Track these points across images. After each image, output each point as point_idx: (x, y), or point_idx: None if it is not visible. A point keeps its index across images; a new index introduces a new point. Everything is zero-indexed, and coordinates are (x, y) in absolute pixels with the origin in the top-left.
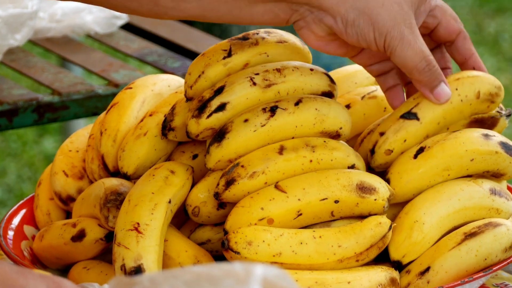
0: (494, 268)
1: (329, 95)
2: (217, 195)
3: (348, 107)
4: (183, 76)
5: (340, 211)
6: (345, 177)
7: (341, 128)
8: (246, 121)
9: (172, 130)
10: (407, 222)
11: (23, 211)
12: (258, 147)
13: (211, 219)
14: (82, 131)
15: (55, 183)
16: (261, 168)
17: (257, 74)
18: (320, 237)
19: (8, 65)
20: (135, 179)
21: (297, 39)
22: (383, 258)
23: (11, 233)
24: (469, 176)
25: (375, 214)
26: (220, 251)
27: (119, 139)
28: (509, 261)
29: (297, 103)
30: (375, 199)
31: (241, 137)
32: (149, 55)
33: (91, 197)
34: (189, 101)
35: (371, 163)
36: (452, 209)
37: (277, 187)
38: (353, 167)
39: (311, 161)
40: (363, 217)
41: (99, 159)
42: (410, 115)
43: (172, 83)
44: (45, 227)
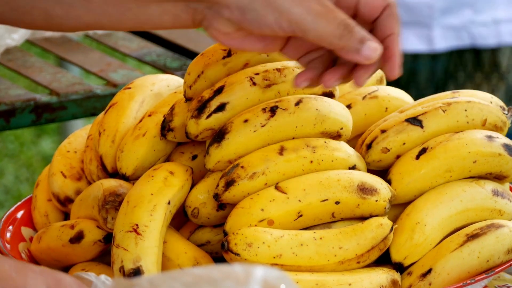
0: (496, 270)
1: (329, 95)
2: (216, 196)
3: (349, 107)
4: (182, 76)
5: (341, 212)
6: (346, 178)
7: (342, 128)
8: (246, 121)
9: (171, 130)
10: (409, 223)
11: (20, 213)
12: (258, 148)
13: (210, 220)
14: (80, 131)
15: (53, 184)
16: (261, 169)
17: (257, 74)
18: (320, 238)
19: (5, 65)
20: (134, 180)
21: None
22: (384, 260)
23: (8, 234)
24: (471, 177)
25: (376, 215)
26: (220, 253)
27: (118, 140)
28: (511, 262)
29: (297, 103)
30: (376, 200)
31: (241, 137)
32: (148, 55)
33: (89, 199)
34: (189, 101)
35: (365, 157)
36: (454, 210)
37: (277, 188)
38: (354, 168)
39: (311, 161)
40: (364, 218)
41: (97, 160)
42: (415, 121)
43: (171, 83)
44: (43, 229)
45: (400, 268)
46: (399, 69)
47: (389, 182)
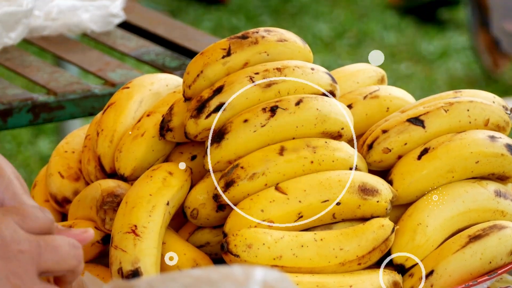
0: (499, 271)
1: (330, 95)
2: (216, 197)
3: (350, 107)
4: (181, 75)
5: (341, 213)
6: (347, 178)
7: (342, 128)
8: (245, 121)
9: (170, 130)
10: (410, 224)
11: None
12: (258, 148)
13: (210, 221)
14: (78, 131)
15: (51, 184)
16: (261, 169)
17: (257, 73)
18: (321, 239)
19: (2, 64)
20: (132, 181)
21: (297, 38)
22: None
23: None
24: (473, 178)
25: (378, 216)
26: (219, 254)
27: (116, 140)
28: None
29: (297, 103)
30: (378, 201)
31: (241, 137)
32: (147, 54)
33: (87, 199)
34: (188, 101)
35: (366, 157)
36: (456, 211)
37: (277, 188)
38: (355, 168)
39: (312, 162)
40: (365, 219)
41: (95, 160)
42: (417, 121)
43: (170, 82)
44: None
45: (401, 269)
46: None
47: (390, 182)
